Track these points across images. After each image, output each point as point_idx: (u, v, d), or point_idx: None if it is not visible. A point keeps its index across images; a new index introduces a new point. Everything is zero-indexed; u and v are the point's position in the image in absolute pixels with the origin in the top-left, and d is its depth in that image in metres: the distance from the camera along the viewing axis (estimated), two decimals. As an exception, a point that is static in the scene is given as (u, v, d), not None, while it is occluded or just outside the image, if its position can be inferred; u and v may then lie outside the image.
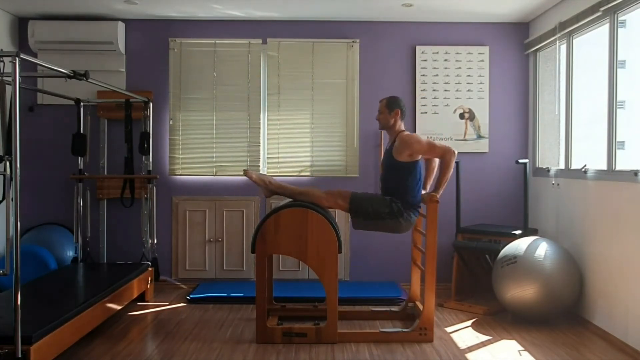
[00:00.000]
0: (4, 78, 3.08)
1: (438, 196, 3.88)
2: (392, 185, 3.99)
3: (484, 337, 4.05)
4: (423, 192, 4.24)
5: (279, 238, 3.83)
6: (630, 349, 3.67)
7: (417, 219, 4.43)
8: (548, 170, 5.02)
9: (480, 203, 5.49)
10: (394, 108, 4.03)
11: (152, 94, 5.45)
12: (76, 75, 3.72)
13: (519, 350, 3.76)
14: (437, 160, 4.11)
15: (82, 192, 5.22)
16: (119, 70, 5.47)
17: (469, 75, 5.53)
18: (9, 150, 3.07)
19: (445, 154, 3.89)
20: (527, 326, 4.26)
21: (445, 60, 5.52)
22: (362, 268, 5.52)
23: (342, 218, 5.46)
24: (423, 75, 5.52)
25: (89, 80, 3.88)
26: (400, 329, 4.02)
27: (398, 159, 3.93)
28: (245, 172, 4.02)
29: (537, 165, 5.35)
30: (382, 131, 5.42)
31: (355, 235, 5.50)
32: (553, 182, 4.90)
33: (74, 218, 5.16)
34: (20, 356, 2.89)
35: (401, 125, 4.07)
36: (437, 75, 5.52)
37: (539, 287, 4.13)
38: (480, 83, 5.53)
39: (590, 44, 4.56)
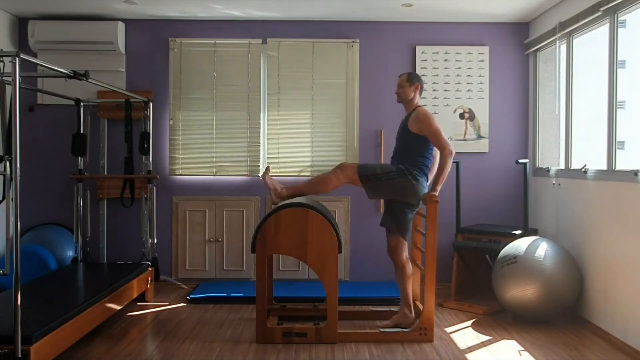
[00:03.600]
0: (4, 78, 3.08)
1: (436, 194, 3.87)
2: (404, 154, 4.05)
3: (484, 337, 4.05)
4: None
5: (279, 238, 3.83)
6: (630, 349, 3.67)
7: (418, 219, 4.43)
8: (548, 170, 5.02)
9: (480, 203, 5.49)
10: (414, 82, 4.10)
11: (152, 94, 5.45)
12: (76, 75, 3.72)
13: (519, 350, 3.76)
14: (436, 161, 4.12)
15: (82, 192, 5.22)
16: (119, 70, 5.47)
17: (469, 75, 5.53)
18: (9, 150, 3.07)
19: (444, 148, 3.88)
20: (527, 326, 4.26)
21: (445, 60, 5.52)
22: (362, 268, 5.52)
23: (342, 218, 5.47)
24: (423, 75, 5.51)
25: (89, 80, 3.88)
26: (400, 329, 4.02)
27: (412, 130, 4.00)
28: (263, 176, 4.11)
29: (537, 165, 5.35)
30: (382, 130, 5.44)
31: (355, 235, 5.51)
32: (553, 182, 4.90)
33: (74, 218, 5.16)
34: (20, 356, 2.89)
35: (419, 100, 4.15)
36: (437, 75, 5.52)
37: (539, 287, 4.13)
38: (480, 83, 5.53)
39: (590, 44, 4.56)
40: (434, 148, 4.08)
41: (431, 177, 4.15)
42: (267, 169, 4.19)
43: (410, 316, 4.09)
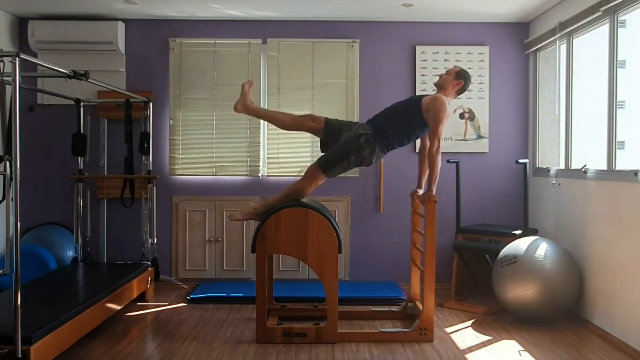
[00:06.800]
0: (4, 78, 3.08)
1: (433, 192, 3.86)
2: (387, 121, 3.95)
3: (484, 337, 4.05)
4: (419, 191, 4.24)
5: (279, 238, 3.83)
6: (630, 349, 3.67)
7: (417, 219, 4.43)
8: (548, 170, 5.02)
9: (480, 203, 5.49)
10: (460, 78, 4.02)
11: (152, 94, 5.45)
12: (76, 75, 3.72)
13: (519, 351, 3.76)
14: (424, 157, 4.12)
15: (82, 192, 5.22)
16: (119, 70, 5.47)
17: (469, 75, 5.52)
18: (9, 150, 3.07)
19: (434, 141, 3.83)
20: (527, 326, 4.26)
21: (445, 60, 5.52)
22: (362, 268, 5.52)
23: (342, 218, 5.47)
24: (423, 75, 5.52)
25: (89, 80, 3.88)
26: (400, 329, 4.02)
27: (422, 105, 3.90)
28: (232, 218, 3.97)
29: (537, 165, 5.35)
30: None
31: (355, 235, 5.50)
32: (553, 182, 4.90)
33: (74, 218, 5.16)
34: (20, 356, 2.89)
35: (451, 97, 4.04)
36: (437, 75, 5.47)
37: (539, 287, 4.13)
38: (480, 83, 5.53)
39: (590, 44, 4.56)
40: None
41: (425, 178, 4.14)
42: (231, 217, 4.01)
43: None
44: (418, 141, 5.20)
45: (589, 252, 4.28)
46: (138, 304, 4.85)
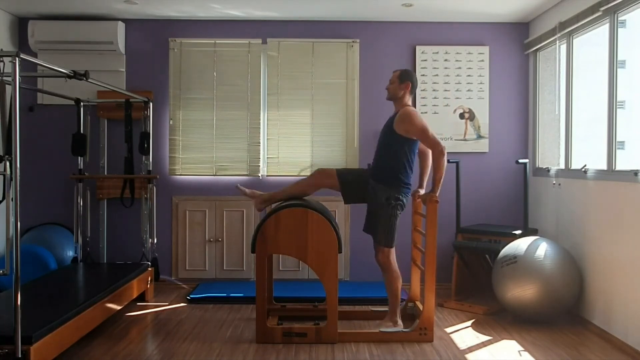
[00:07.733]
0: (4, 78, 3.08)
1: (437, 193, 3.87)
2: (384, 162, 3.98)
3: (484, 337, 4.05)
4: (421, 191, 4.24)
5: (279, 238, 3.83)
6: (630, 349, 3.67)
7: (417, 218, 4.43)
8: (548, 170, 5.02)
9: (480, 203, 5.49)
10: (405, 80, 3.99)
11: (152, 94, 5.45)
12: (76, 75, 3.72)
13: (519, 351, 3.76)
14: (429, 160, 4.11)
15: (82, 192, 5.22)
16: (119, 70, 5.47)
17: (469, 75, 5.53)
18: (9, 150, 3.07)
19: (434, 147, 3.83)
20: (527, 326, 4.25)
21: (445, 60, 5.52)
22: (362, 268, 5.51)
23: (342, 218, 5.47)
24: (423, 75, 5.52)
25: (89, 80, 3.89)
26: (400, 329, 4.02)
27: (398, 132, 3.90)
28: (239, 189, 4.11)
29: (537, 165, 5.35)
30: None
31: (355, 235, 5.50)
32: (553, 182, 4.90)
33: (74, 218, 5.16)
34: (20, 356, 2.89)
35: (408, 100, 4.04)
36: (437, 75, 5.52)
37: (539, 287, 4.13)
38: (480, 83, 5.53)
39: (590, 44, 4.56)
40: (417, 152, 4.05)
41: (426, 178, 4.15)
42: (238, 187, 4.15)
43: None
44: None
45: (589, 252, 4.28)
46: (138, 304, 4.85)
